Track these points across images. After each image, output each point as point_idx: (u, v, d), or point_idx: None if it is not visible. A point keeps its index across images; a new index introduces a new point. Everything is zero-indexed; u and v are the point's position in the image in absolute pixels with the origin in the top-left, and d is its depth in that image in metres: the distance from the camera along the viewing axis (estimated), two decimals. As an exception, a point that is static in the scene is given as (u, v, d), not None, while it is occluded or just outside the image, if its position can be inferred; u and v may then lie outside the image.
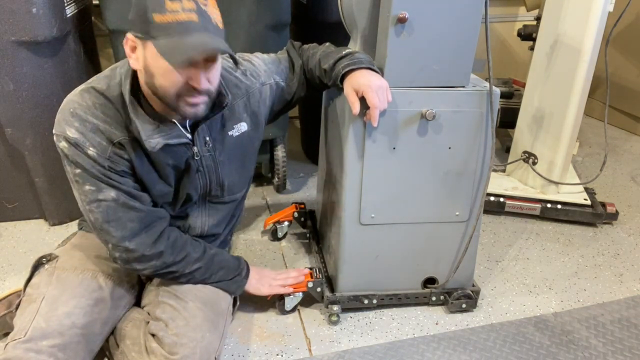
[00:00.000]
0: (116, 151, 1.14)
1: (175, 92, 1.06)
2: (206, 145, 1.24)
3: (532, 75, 2.11)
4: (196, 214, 1.34)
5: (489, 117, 1.38)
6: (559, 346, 1.50)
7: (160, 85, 1.06)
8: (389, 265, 1.54)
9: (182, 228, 1.34)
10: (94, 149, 1.11)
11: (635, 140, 3.04)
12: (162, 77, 1.05)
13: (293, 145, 2.68)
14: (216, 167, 1.28)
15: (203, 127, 1.22)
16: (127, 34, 1.06)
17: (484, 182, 1.45)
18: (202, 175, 1.27)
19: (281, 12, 1.89)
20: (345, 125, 1.36)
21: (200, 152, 1.23)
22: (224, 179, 1.32)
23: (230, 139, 1.29)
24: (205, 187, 1.30)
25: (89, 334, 1.18)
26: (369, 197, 1.42)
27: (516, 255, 1.93)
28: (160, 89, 1.07)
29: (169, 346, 1.16)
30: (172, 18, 0.99)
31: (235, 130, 1.30)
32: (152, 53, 1.03)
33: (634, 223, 2.16)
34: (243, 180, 1.40)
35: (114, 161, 1.14)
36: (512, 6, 3.26)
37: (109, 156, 1.13)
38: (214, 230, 1.41)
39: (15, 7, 1.54)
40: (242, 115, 1.30)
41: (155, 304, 1.28)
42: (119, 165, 1.15)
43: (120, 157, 1.15)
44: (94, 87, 1.14)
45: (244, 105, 1.30)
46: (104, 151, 1.12)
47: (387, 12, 1.26)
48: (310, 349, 1.46)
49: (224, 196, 1.36)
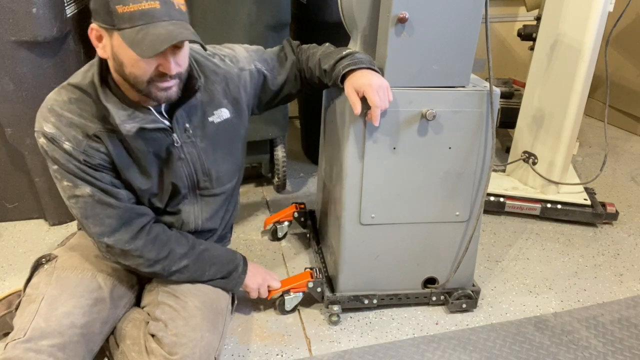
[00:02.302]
0: (92, 144, 1.14)
1: (146, 79, 1.08)
2: (186, 132, 1.23)
3: (532, 75, 2.11)
4: (188, 209, 1.33)
5: (489, 117, 1.38)
6: (559, 346, 1.50)
7: (131, 73, 1.08)
8: (389, 265, 1.54)
9: (175, 224, 1.33)
10: (70, 143, 1.13)
11: (635, 140, 3.04)
12: (131, 66, 1.06)
13: (293, 145, 2.68)
14: (199, 155, 1.27)
15: (182, 114, 1.22)
16: (92, 24, 1.07)
17: (484, 182, 1.45)
18: (186, 164, 1.26)
19: (281, 12, 1.89)
20: (345, 125, 1.36)
21: (180, 139, 1.23)
22: (210, 168, 1.30)
23: (211, 126, 1.28)
24: (191, 177, 1.29)
25: (89, 333, 1.18)
26: (369, 197, 1.42)
27: (516, 255, 1.93)
28: (131, 76, 1.08)
29: (168, 346, 1.16)
30: (135, 7, 1.00)
31: (215, 117, 1.29)
32: (118, 43, 1.04)
33: (634, 223, 2.16)
34: (232, 169, 1.38)
35: (89, 154, 1.14)
36: (512, 6, 3.26)
37: (84, 149, 1.14)
38: (209, 225, 1.40)
39: (15, 7, 1.54)
40: (222, 101, 1.30)
41: (154, 304, 1.28)
42: (95, 158, 1.15)
43: (97, 150, 1.15)
44: (70, 82, 1.16)
45: (223, 90, 1.29)
46: (79, 144, 1.13)
47: (387, 12, 1.26)
48: (310, 349, 1.46)
49: (213, 187, 1.34)
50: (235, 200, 1.50)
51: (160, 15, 1.02)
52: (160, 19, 1.02)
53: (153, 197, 1.27)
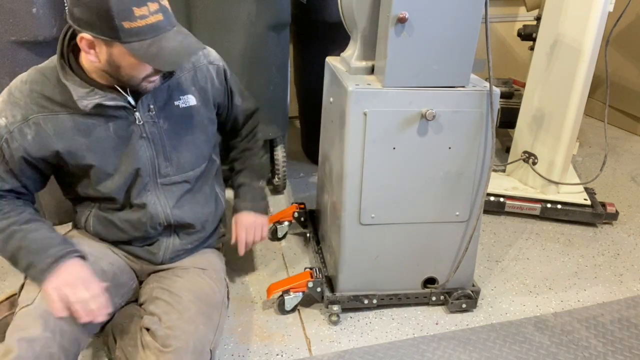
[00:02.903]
0: (23, 129, 1.15)
1: (142, 77, 1.13)
2: (149, 111, 1.24)
3: (532, 75, 2.11)
4: (152, 199, 1.31)
5: (489, 117, 1.38)
6: (559, 346, 1.50)
7: (127, 74, 1.11)
8: (389, 265, 1.54)
9: (144, 219, 1.31)
10: (5, 120, 1.15)
11: (635, 140, 3.04)
12: (130, 69, 1.10)
13: (293, 145, 2.68)
14: (161, 136, 1.27)
15: (147, 95, 1.23)
16: (81, 33, 1.06)
17: (484, 182, 1.45)
18: (148, 144, 1.25)
19: (281, 12, 1.89)
20: (345, 125, 1.36)
21: (142, 118, 1.23)
22: (171, 152, 1.30)
23: (176, 109, 1.29)
24: (152, 161, 1.27)
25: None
26: (369, 197, 1.42)
27: (516, 255, 1.93)
28: (126, 77, 1.12)
29: (162, 339, 1.16)
30: (142, 23, 1.04)
31: (182, 102, 1.31)
32: (120, 52, 1.06)
33: (634, 223, 2.16)
34: (193, 157, 1.35)
35: (13, 137, 1.15)
36: (512, 6, 3.26)
37: (12, 130, 1.15)
38: (182, 218, 1.35)
39: (15, 7, 1.54)
40: (190, 89, 1.31)
41: (150, 300, 1.29)
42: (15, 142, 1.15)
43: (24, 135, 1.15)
44: (34, 67, 1.20)
45: (192, 78, 1.32)
46: (12, 124, 1.15)
47: (387, 12, 1.26)
48: (310, 349, 1.46)
49: (175, 174, 1.32)
50: (211, 196, 1.46)
51: (164, 25, 1.07)
52: (165, 30, 1.07)
53: (107, 178, 1.25)
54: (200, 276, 1.35)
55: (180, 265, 1.38)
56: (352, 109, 1.33)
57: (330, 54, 1.65)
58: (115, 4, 1.00)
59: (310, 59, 2.27)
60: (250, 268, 1.80)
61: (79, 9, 1.04)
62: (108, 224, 1.31)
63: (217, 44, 1.87)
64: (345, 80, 1.37)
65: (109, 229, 1.32)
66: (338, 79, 1.43)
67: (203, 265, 1.39)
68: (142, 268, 1.38)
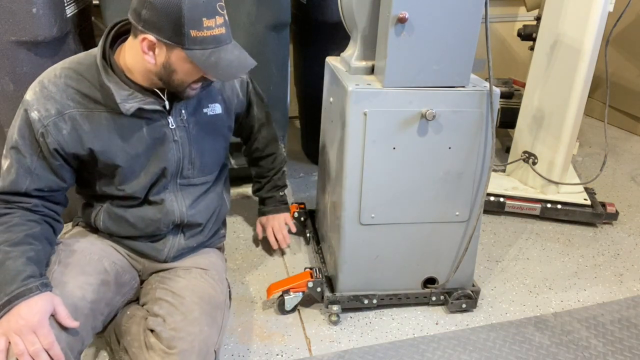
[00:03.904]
0: (58, 123, 1.15)
1: (190, 82, 1.18)
2: (181, 116, 1.28)
3: (532, 75, 2.11)
4: (170, 197, 1.33)
5: (489, 117, 1.38)
6: (559, 346, 1.50)
7: (179, 79, 1.16)
8: (389, 265, 1.54)
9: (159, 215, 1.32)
10: (38, 113, 1.14)
11: (635, 140, 3.04)
12: (184, 74, 1.15)
13: (293, 145, 2.68)
14: (190, 140, 1.31)
15: (180, 100, 1.26)
16: (145, 34, 1.09)
17: (484, 182, 1.45)
18: (177, 147, 1.29)
19: (281, 12, 1.89)
20: (345, 125, 1.36)
21: (175, 122, 1.27)
22: (196, 156, 1.34)
23: (204, 116, 1.34)
24: (178, 163, 1.30)
25: (96, 309, 1.20)
26: (369, 197, 1.42)
27: (516, 255, 1.93)
28: (178, 81, 1.17)
29: (167, 340, 1.16)
30: (208, 33, 1.10)
31: (209, 109, 1.36)
32: (180, 57, 1.11)
33: (634, 223, 2.16)
34: (213, 162, 1.41)
35: (48, 131, 1.15)
36: (512, 6, 3.26)
37: (47, 124, 1.15)
38: (194, 217, 1.38)
39: (15, 7, 1.54)
40: (217, 97, 1.38)
41: (153, 300, 1.29)
42: (51, 136, 1.15)
43: (59, 130, 1.15)
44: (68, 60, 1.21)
45: (219, 88, 1.38)
46: (47, 118, 1.15)
47: (387, 12, 1.26)
48: (310, 349, 1.46)
49: (195, 177, 1.36)
50: (221, 198, 1.48)
51: (225, 39, 1.14)
52: (225, 42, 1.14)
53: (133, 178, 1.27)
54: (202, 277, 1.35)
55: (182, 265, 1.39)
56: (352, 109, 1.33)
57: (330, 54, 1.65)
58: (188, 12, 1.05)
59: (310, 59, 2.27)
60: (250, 268, 1.80)
61: (149, 11, 1.06)
62: (119, 220, 1.32)
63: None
64: (345, 80, 1.37)
65: (119, 225, 1.33)
66: (338, 79, 1.43)
67: (205, 266, 1.40)
68: (144, 266, 1.39)
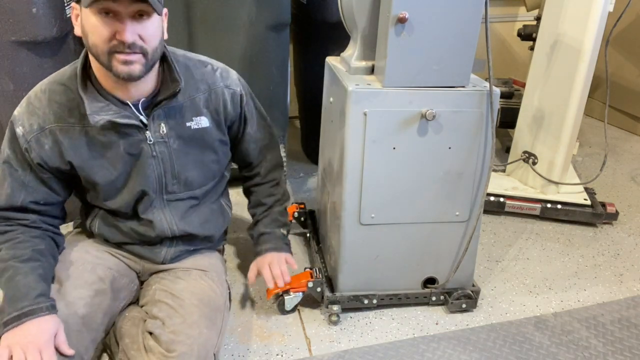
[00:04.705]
0: (40, 138, 1.17)
1: (107, 49, 1.07)
2: (160, 131, 1.24)
3: (532, 75, 2.11)
4: (159, 216, 1.31)
5: (489, 117, 1.38)
6: (559, 346, 1.50)
7: (93, 44, 1.08)
8: (389, 265, 1.54)
9: (150, 232, 1.31)
10: (22, 129, 1.17)
11: (635, 140, 3.04)
12: (92, 35, 1.07)
13: (293, 145, 2.68)
14: (170, 155, 1.26)
15: (160, 113, 1.22)
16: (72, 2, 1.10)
17: (484, 182, 1.45)
18: (157, 162, 1.25)
19: (281, 12, 1.89)
20: (345, 125, 1.36)
21: (153, 138, 1.23)
22: (180, 171, 1.29)
23: (187, 130, 1.28)
24: (160, 179, 1.27)
25: (91, 323, 1.20)
26: (369, 197, 1.42)
27: (516, 255, 1.93)
28: (94, 48, 1.09)
29: (166, 343, 1.16)
30: None
31: (194, 123, 1.29)
32: (85, 13, 1.07)
33: (634, 223, 2.16)
34: (202, 176, 1.35)
35: (31, 147, 1.17)
36: (512, 6, 3.26)
37: (29, 140, 1.16)
38: (187, 230, 1.36)
39: (15, 7, 1.54)
40: (203, 110, 1.30)
41: (152, 302, 1.29)
42: (34, 152, 1.17)
43: (41, 146, 1.17)
44: (54, 74, 1.22)
45: (205, 100, 1.30)
46: (29, 133, 1.17)
47: (387, 12, 1.26)
48: (310, 349, 1.46)
49: (181, 191, 1.32)
50: (218, 210, 1.45)
51: None
52: None
53: (115, 195, 1.26)
54: (202, 278, 1.35)
55: (182, 266, 1.38)
56: (352, 109, 1.33)
57: (330, 54, 1.65)
58: None
59: (310, 59, 2.27)
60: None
61: None
62: (113, 228, 1.33)
63: (217, 44, 1.88)
64: (345, 80, 1.37)
65: (113, 232, 1.33)
66: (338, 79, 1.43)
67: (205, 267, 1.39)
68: (143, 268, 1.39)
